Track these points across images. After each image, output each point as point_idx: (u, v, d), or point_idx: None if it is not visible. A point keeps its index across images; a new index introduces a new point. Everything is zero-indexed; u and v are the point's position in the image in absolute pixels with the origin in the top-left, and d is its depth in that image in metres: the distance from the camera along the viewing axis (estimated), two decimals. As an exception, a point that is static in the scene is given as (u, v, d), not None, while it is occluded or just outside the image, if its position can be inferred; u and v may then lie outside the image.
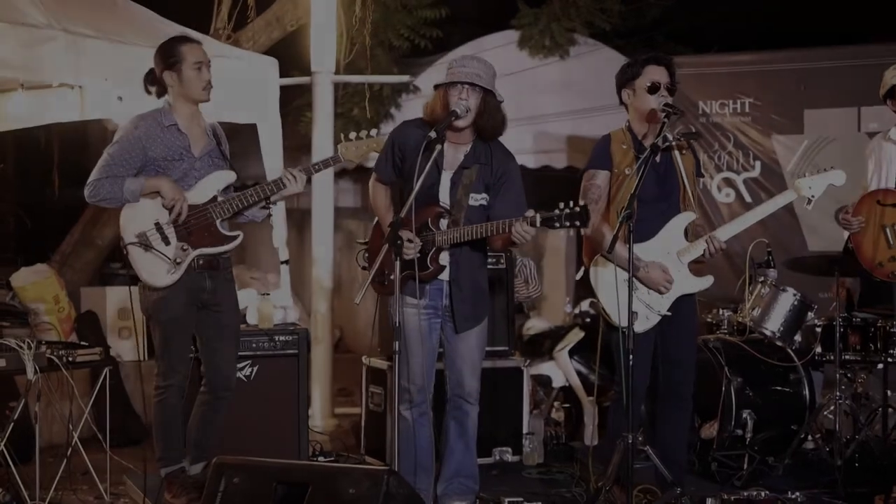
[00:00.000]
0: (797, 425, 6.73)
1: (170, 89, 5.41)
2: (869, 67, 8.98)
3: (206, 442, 5.59)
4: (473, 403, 5.54)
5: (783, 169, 9.42)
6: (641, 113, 5.54)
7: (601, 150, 5.62)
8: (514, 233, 5.04)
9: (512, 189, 5.41)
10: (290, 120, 9.49)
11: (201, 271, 5.41)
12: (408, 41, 10.71)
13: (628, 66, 5.63)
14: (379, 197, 5.54)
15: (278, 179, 5.45)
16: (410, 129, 5.42)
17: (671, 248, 5.52)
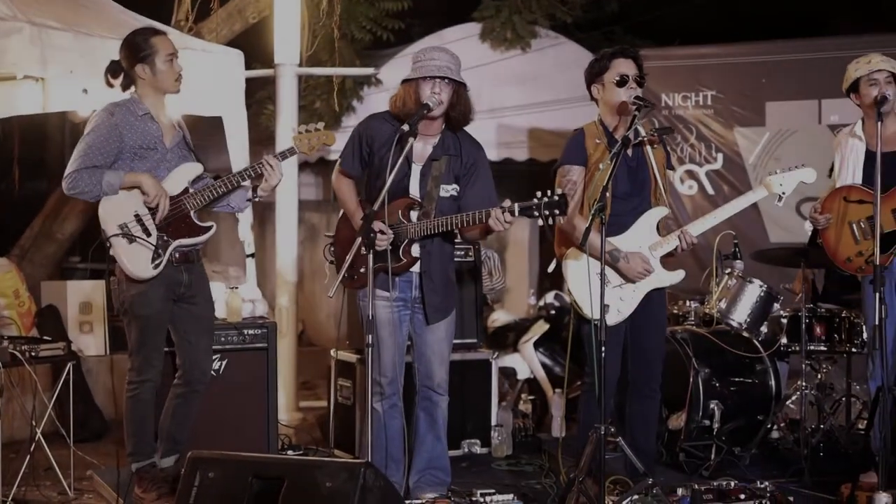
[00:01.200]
0: (763, 415, 6.79)
1: (140, 82, 5.37)
2: (830, 60, 9.09)
3: (180, 435, 5.55)
4: (443, 394, 5.55)
5: (745, 161, 9.51)
6: (612, 107, 5.55)
7: (575, 145, 5.63)
8: (492, 221, 5.05)
9: (481, 178, 5.44)
10: (252, 112, 9.41)
11: (178, 265, 5.38)
12: (370, 33, 10.66)
13: (596, 60, 5.64)
14: (344, 190, 5.51)
15: (252, 167, 5.43)
16: (378, 123, 5.41)
17: (643, 242, 5.55)
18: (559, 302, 8.47)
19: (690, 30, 11.42)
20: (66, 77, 6.27)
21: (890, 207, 5.71)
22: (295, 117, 8.22)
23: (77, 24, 6.32)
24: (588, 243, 5.37)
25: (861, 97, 5.87)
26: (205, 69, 6.90)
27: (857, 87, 5.88)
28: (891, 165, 5.72)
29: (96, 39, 6.28)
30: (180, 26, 8.47)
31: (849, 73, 5.91)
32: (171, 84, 5.40)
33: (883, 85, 5.77)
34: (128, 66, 5.37)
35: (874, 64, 5.81)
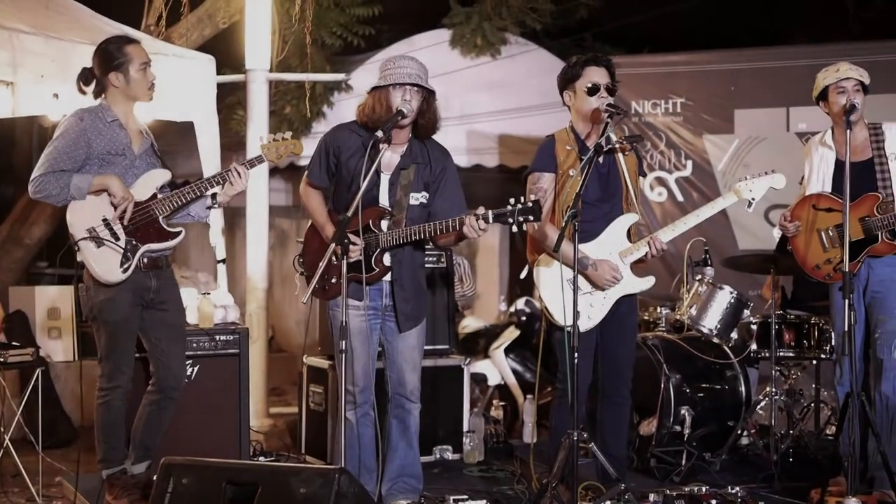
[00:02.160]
0: (734, 421, 6.83)
1: (112, 89, 5.37)
2: (797, 68, 9.21)
3: (151, 442, 5.53)
4: (415, 402, 5.54)
5: (714, 168, 9.57)
6: (583, 114, 5.57)
7: (546, 152, 5.64)
8: (466, 229, 5.06)
9: (450, 185, 5.45)
10: (223, 117, 9.39)
11: (146, 271, 5.37)
12: (340, 39, 10.68)
13: (568, 67, 5.64)
14: (313, 202, 5.50)
15: (220, 175, 5.42)
16: (344, 133, 5.40)
17: (613, 249, 5.56)
18: (529, 308, 8.48)
19: (660, 38, 11.49)
20: (36, 81, 6.24)
21: (858, 216, 5.76)
22: (265, 123, 8.21)
23: (48, 29, 6.29)
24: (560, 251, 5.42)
25: (830, 105, 5.91)
26: (175, 74, 6.88)
27: (826, 95, 5.92)
28: (860, 174, 5.77)
29: (67, 44, 6.26)
30: (150, 31, 8.44)
31: (818, 82, 5.96)
32: (144, 92, 5.41)
33: (851, 93, 5.82)
34: (101, 73, 5.36)
35: (842, 72, 5.86)
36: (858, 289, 5.84)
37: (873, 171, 5.84)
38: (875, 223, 5.74)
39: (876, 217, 5.74)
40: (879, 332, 5.84)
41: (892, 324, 5.81)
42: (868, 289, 5.88)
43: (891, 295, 5.83)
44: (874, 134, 5.91)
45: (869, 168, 5.86)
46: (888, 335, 5.82)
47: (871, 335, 5.89)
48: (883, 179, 5.82)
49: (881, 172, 5.83)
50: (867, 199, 5.78)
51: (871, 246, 5.78)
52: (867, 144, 5.91)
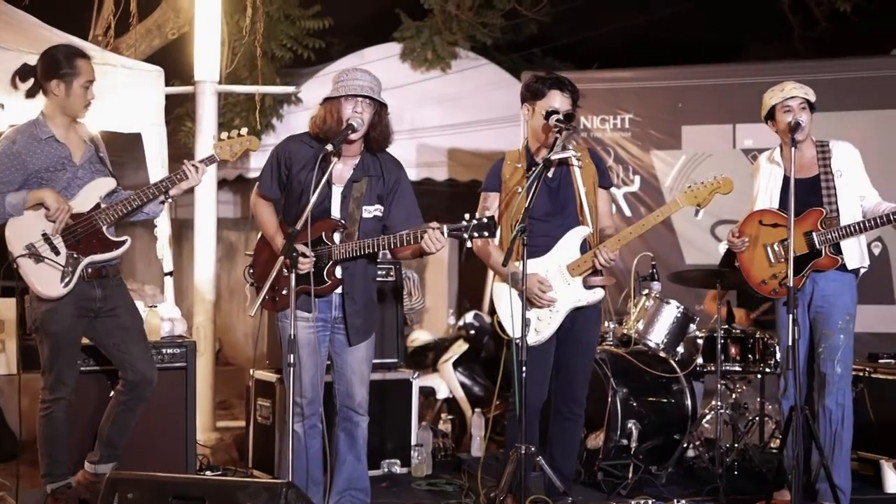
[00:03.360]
0: (680, 434, 6.88)
1: (51, 97, 5.32)
2: (744, 86, 9.32)
3: (119, 440, 5.50)
4: (363, 415, 5.52)
5: (662, 184, 9.64)
6: (535, 131, 5.60)
7: (492, 172, 5.73)
8: (425, 243, 5.06)
9: (405, 197, 5.45)
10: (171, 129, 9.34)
11: (90, 281, 5.34)
12: (290, 51, 10.67)
13: (535, 82, 5.64)
14: (263, 213, 5.47)
15: (175, 174, 5.39)
16: (296, 145, 5.38)
17: (562, 262, 5.57)
18: (478, 322, 8.50)
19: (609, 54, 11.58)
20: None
21: (802, 230, 5.83)
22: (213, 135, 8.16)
23: (-7, 38, 6.23)
24: (492, 264, 5.51)
25: (777, 124, 5.99)
26: (123, 85, 6.84)
27: (774, 114, 6.00)
28: (807, 190, 5.86)
29: (13, 53, 6.17)
30: (98, 41, 8.39)
31: (765, 101, 6.03)
32: (79, 109, 5.37)
33: (797, 111, 5.90)
34: (43, 77, 5.31)
35: (787, 91, 5.94)
36: (803, 303, 5.92)
37: (819, 188, 5.93)
38: (818, 237, 5.82)
39: (819, 231, 5.82)
40: (823, 347, 5.92)
41: (835, 339, 5.89)
42: (812, 303, 5.95)
43: (834, 310, 5.91)
44: (821, 151, 6.00)
45: (815, 185, 5.95)
46: (832, 350, 5.89)
47: (815, 349, 5.97)
48: (828, 196, 5.91)
49: (827, 189, 5.92)
50: (811, 214, 5.86)
51: (815, 260, 5.85)
52: (814, 162, 5.99)
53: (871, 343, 8.14)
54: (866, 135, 8.57)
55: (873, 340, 8.33)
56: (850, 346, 5.94)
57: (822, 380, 5.93)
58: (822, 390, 5.93)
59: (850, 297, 5.95)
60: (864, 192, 5.98)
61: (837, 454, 5.90)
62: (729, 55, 12.49)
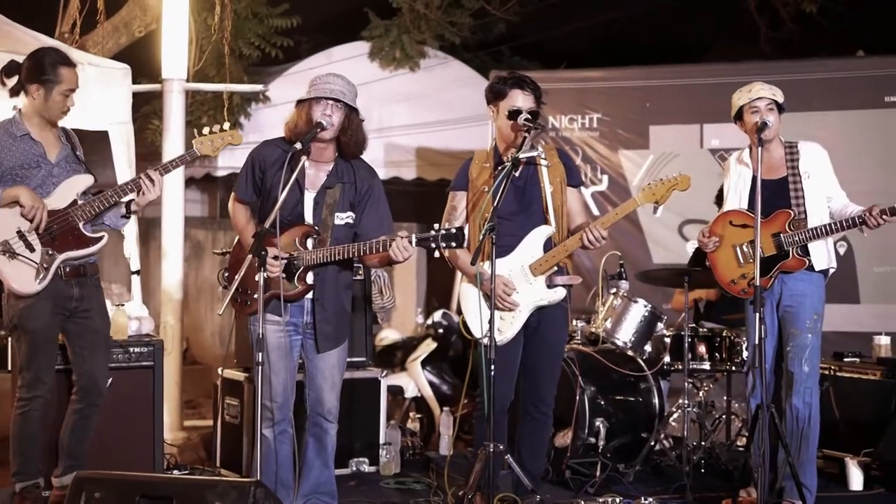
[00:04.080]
0: (647, 433, 6.91)
1: (30, 100, 5.34)
2: (711, 86, 9.38)
3: (79, 450, 5.48)
4: (332, 422, 5.50)
5: (630, 183, 9.68)
6: (501, 131, 5.62)
7: (461, 171, 5.75)
8: (393, 252, 5.06)
9: (377, 205, 5.42)
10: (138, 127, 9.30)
11: (68, 279, 5.33)
12: (258, 50, 10.62)
13: (498, 82, 5.67)
14: (240, 217, 5.46)
15: (134, 180, 5.37)
16: (271, 149, 5.37)
17: (525, 261, 5.58)
18: (446, 321, 8.50)
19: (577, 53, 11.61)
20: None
21: (771, 232, 5.87)
22: (182, 133, 8.12)
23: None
24: (459, 264, 5.54)
25: (745, 124, 6.03)
26: (90, 83, 6.78)
27: (742, 114, 6.03)
28: (775, 191, 5.91)
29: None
30: (65, 39, 8.33)
31: (733, 102, 6.07)
32: (56, 115, 5.39)
33: (764, 112, 5.94)
34: (25, 79, 5.33)
35: (755, 92, 5.98)
36: (772, 303, 5.96)
37: (787, 189, 5.97)
38: (786, 239, 5.86)
39: (787, 233, 5.86)
40: (791, 346, 5.96)
41: (803, 338, 5.94)
42: (781, 303, 5.99)
43: (802, 310, 5.96)
44: (789, 152, 6.04)
45: (783, 185, 5.99)
46: (799, 349, 5.94)
47: (783, 348, 6.01)
48: (796, 197, 5.96)
49: (795, 190, 5.96)
50: (779, 216, 5.90)
51: (783, 262, 5.89)
52: (783, 163, 6.04)
53: (836, 342, 8.20)
54: (832, 135, 8.63)
55: (838, 339, 8.39)
56: (817, 345, 5.99)
57: (789, 378, 5.97)
58: (789, 389, 5.97)
59: (819, 297, 6.00)
60: (832, 193, 6.03)
61: (804, 452, 5.95)
62: (696, 55, 12.56)
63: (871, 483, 6.60)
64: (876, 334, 7.55)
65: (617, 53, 11.52)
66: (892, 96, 9.09)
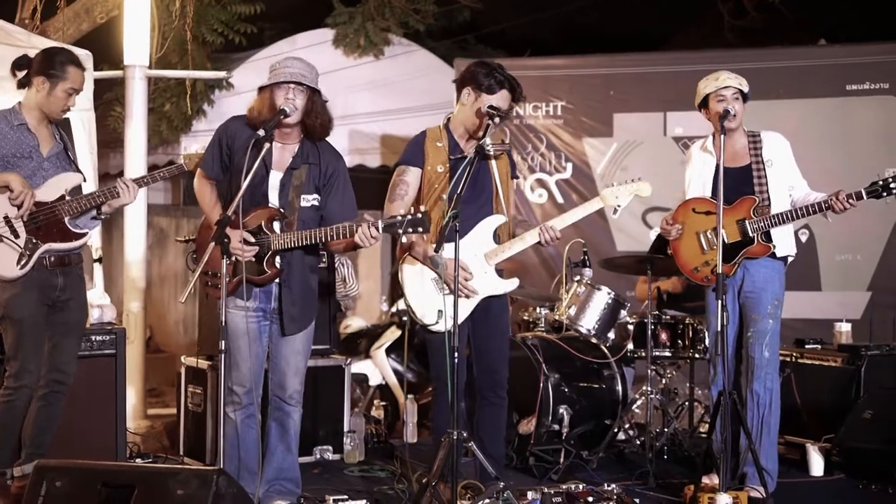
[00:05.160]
0: (611, 420, 6.95)
1: (34, 92, 5.38)
2: (674, 74, 9.43)
3: (42, 438, 5.44)
4: (295, 406, 5.50)
5: (593, 171, 9.72)
6: (469, 117, 5.60)
7: (415, 147, 5.68)
8: (358, 238, 5.06)
9: (342, 188, 5.43)
10: (100, 114, 9.23)
11: (53, 269, 5.36)
12: (221, 36, 10.55)
13: (490, 74, 5.57)
14: (205, 194, 5.42)
15: (112, 188, 5.39)
16: (238, 126, 5.35)
17: (478, 250, 5.57)
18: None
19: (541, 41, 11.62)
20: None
21: (735, 218, 5.91)
22: (144, 120, 8.09)
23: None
24: (415, 250, 5.52)
25: (709, 112, 6.05)
26: (51, 69, 6.73)
27: (707, 102, 6.06)
28: (737, 179, 5.95)
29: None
30: (25, 25, 8.24)
31: (699, 90, 6.09)
32: (56, 111, 5.43)
33: (730, 101, 5.96)
34: (33, 71, 5.38)
35: (721, 81, 6.00)
36: (733, 289, 6.00)
37: (751, 176, 6.02)
38: (751, 225, 5.90)
39: (752, 219, 5.91)
40: (752, 332, 6.01)
41: (764, 323, 5.99)
42: (742, 290, 6.04)
43: (764, 295, 6.01)
44: (752, 141, 6.09)
45: (747, 173, 6.04)
46: (760, 334, 5.99)
47: (744, 334, 6.06)
48: (760, 184, 6.00)
49: (758, 178, 6.01)
50: (744, 203, 5.94)
51: (748, 248, 5.94)
52: (746, 151, 6.09)
53: (798, 329, 8.30)
54: (795, 123, 8.71)
55: (800, 326, 8.48)
56: (777, 330, 6.05)
57: (750, 364, 6.02)
58: (750, 375, 6.02)
59: (780, 284, 6.06)
60: (794, 182, 6.08)
61: (765, 438, 6.01)
62: (660, 43, 12.60)
63: (831, 468, 6.66)
64: (837, 321, 7.62)
65: (581, 42, 11.54)
66: (853, 84, 9.17)
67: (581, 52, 10.44)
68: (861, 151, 9.09)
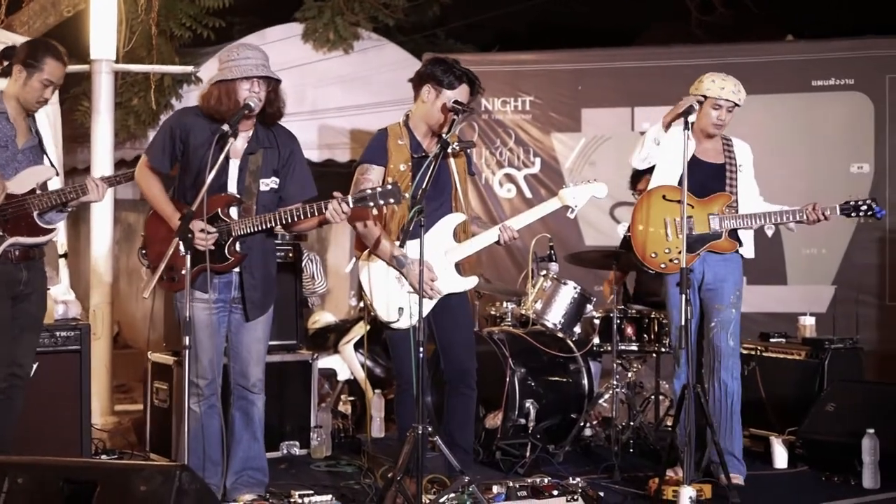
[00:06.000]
0: (577, 413, 6.97)
1: (12, 81, 5.38)
2: (642, 69, 9.48)
3: (6, 435, 5.42)
4: (259, 393, 5.52)
5: (562, 166, 9.74)
6: (430, 114, 5.60)
7: (377, 145, 5.66)
8: (329, 214, 5.09)
9: (300, 169, 5.48)
10: (66, 108, 9.18)
11: (17, 263, 5.33)
12: (190, 31, 10.49)
13: (448, 70, 5.58)
14: (153, 186, 5.38)
15: (81, 186, 5.39)
16: (191, 118, 5.34)
17: (439, 247, 5.60)
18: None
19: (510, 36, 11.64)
20: None
21: (708, 212, 6.03)
22: (111, 114, 8.05)
23: None
24: (380, 249, 5.51)
25: (702, 112, 6.11)
26: (16, 63, 6.70)
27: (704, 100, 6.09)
28: (712, 175, 6.14)
29: None
30: (-10, 18, 8.21)
31: (704, 85, 6.07)
32: (31, 103, 5.40)
33: (724, 111, 6.06)
34: (14, 60, 5.37)
35: (725, 93, 6.02)
36: (694, 283, 6.07)
37: (724, 175, 6.15)
38: (722, 220, 6.04)
39: (725, 215, 6.03)
40: (716, 321, 6.12)
41: (727, 312, 6.11)
42: (704, 282, 6.13)
43: (725, 285, 6.14)
44: (726, 144, 6.24)
45: (721, 172, 6.17)
46: (724, 323, 6.11)
47: (707, 325, 6.14)
48: (731, 184, 6.15)
49: (730, 178, 6.16)
50: (719, 198, 6.09)
51: (714, 241, 6.02)
52: (720, 151, 6.20)
53: (762, 322, 8.35)
54: (761, 118, 8.76)
55: (765, 320, 8.53)
56: (738, 320, 6.19)
57: (716, 354, 6.13)
58: (717, 364, 6.12)
59: (739, 274, 6.22)
60: (753, 192, 6.25)
61: (735, 425, 6.15)
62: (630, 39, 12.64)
63: (794, 461, 6.72)
64: (801, 315, 7.68)
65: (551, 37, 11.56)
66: (819, 80, 9.23)
67: (551, 48, 10.45)
68: (826, 147, 9.15)
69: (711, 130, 6.09)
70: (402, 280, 5.50)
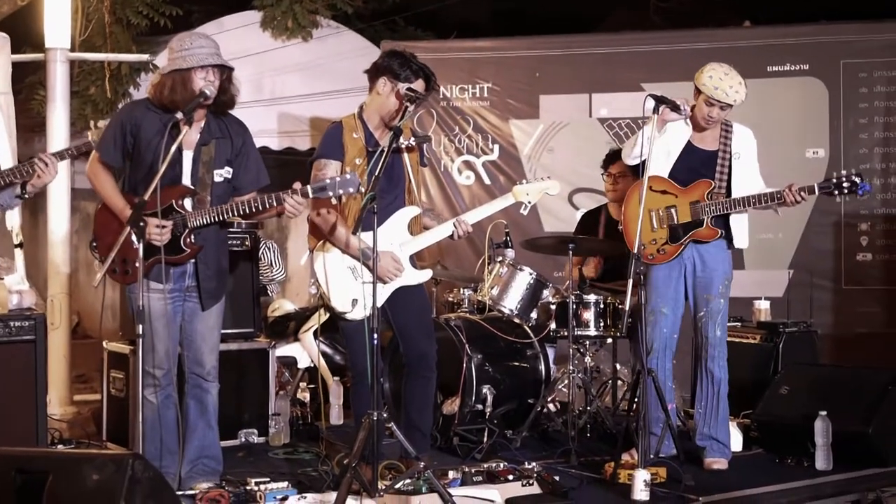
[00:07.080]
0: (534, 399, 6.99)
1: None
2: (600, 55, 9.52)
3: None
4: (213, 381, 5.53)
5: (520, 152, 9.75)
6: (385, 106, 5.61)
7: (333, 140, 5.66)
8: (289, 208, 5.10)
9: (252, 158, 5.50)
10: (22, 98, 9.12)
11: None
12: (147, 19, 10.44)
13: (405, 64, 5.60)
14: (106, 180, 5.35)
15: (30, 162, 5.30)
16: (141, 111, 5.32)
17: (394, 240, 5.63)
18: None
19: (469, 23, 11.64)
20: None
21: (690, 200, 6.10)
22: (66, 103, 8.01)
23: None
24: (336, 237, 5.52)
25: (696, 105, 6.16)
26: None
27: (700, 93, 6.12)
28: (702, 162, 6.17)
29: None
30: (-58, 7, 8.14)
31: (704, 79, 6.06)
32: None
33: (716, 109, 6.09)
34: None
35: (718, 93, 6.02)
36: (681, 269, 6.22)
37: (715, 162, 6.19)
38: (703, 208, 6.08)
39: (705, 203, 6.07)
40: (705, 311, 6.21)
41: (716, 303, 6.20)
42: (695, 271, 6.23)
43: (715, 275, 6.22)
44: (725, 131, 6.26)
45: (712, 159, 6.20)
46: (713, 313, 6.19)
47: (696, 313, 6.25)
48: (721, 172, 6.17)
49: (722, 166, 6.18)
50: (700, 185, 6.15)
51: (696, 230, 6.09)
52: (717, 138, 6.24)
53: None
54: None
55: (722, 304, 8.58)
56: (727, 310, 6.28)
57: (704, 343, 6.23)
58: (704, 353, 6.23)
59: (729, 264, 6.30)
60: (755, 178, 6.26)
61: (723, 412, 6.26)
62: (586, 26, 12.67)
63: (749, 444, 6.79)
64: (756, 299, 7.75)
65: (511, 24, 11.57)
66: (774, 66, 9.28)
67: (512, 35, 10.46)
68: (782, 132, 9.19)
69: (702, 124, 6.13)
70: (356, 271, 5.52)
